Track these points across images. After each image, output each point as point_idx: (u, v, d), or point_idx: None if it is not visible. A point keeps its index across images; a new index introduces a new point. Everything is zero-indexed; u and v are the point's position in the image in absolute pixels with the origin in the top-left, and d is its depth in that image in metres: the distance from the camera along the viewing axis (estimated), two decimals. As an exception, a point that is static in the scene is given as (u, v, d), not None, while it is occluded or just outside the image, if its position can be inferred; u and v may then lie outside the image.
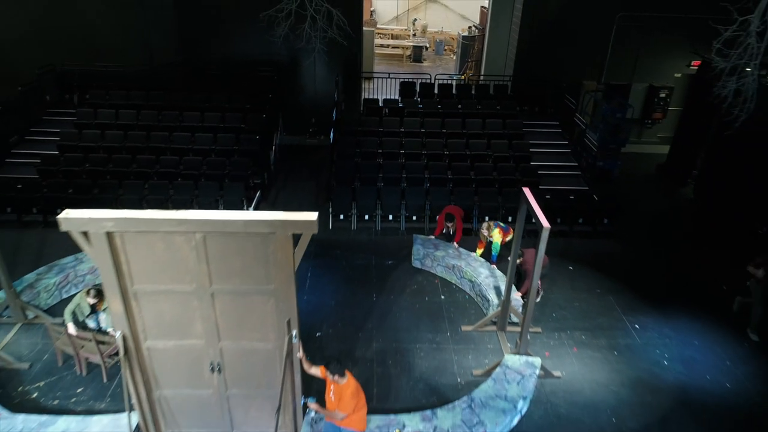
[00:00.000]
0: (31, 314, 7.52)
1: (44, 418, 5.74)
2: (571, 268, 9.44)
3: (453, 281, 8.89)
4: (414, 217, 10.43)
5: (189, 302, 5.10)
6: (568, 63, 14.11)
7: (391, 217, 10.43)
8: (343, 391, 5.27)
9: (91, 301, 6.63)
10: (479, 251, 9.03)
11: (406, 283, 8.87)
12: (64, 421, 5.70)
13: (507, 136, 11.99)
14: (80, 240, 4.67)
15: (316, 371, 5.45)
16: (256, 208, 10.75)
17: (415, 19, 26.54)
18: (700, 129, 12.26)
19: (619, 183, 12.72)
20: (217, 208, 10.14)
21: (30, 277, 7.91)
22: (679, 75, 14.60)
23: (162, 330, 5.23)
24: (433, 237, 9.40)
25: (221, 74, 13.58)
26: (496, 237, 8.57)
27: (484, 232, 8.74)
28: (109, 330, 6.69)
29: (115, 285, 4.85)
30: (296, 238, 4.68)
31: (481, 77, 15.86)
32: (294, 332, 5.16)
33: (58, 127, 12.01)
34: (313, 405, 5.48)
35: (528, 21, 14.15)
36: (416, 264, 9.26)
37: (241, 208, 10.38)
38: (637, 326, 8.04)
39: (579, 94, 14.20)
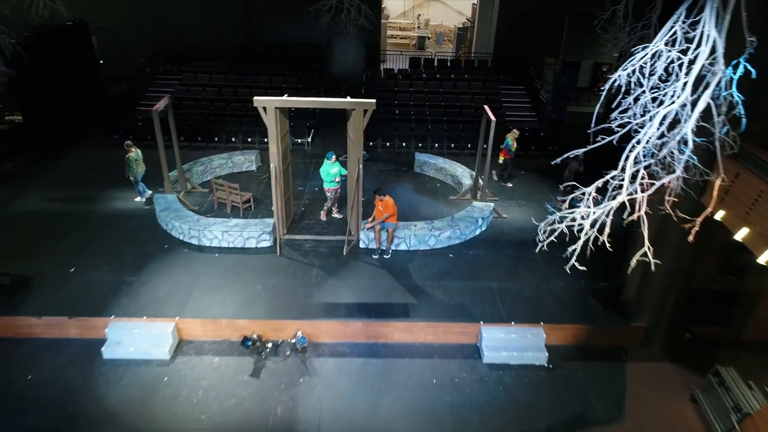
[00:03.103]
0: (189, 186, 12.49)
1: (223, 219, 10.74)
2: (522, 172, 14.38)
3: (441, 178, 13.84)
4: (420, 144, 15.35)
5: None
6: (533, 44, 19.03)
7: (404, 144, 15.38)
8: (387, 203, 10.20)
9: (127, 148, 11.56)
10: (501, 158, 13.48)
11: (415, 179, 13.85)
12: (234, 221, 10.68)
13: (485, 94, 16.91)
14: (261, 112, 9.61)
15: (370, 193, 10.40)
16: (312, 139, 15.71)
17: (419, 15, 31.46)
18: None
19: (568, 130, 17.63)
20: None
21: (185, 167, 12.87)
22: (616, 54, 19.50)
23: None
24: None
25: (278, 51, 18.51)
26: (512, 137, 13.20)
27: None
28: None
29: (274, 136, 9.79)
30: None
31: (472, 54, 20.79)
32: (361, 165, 10.09)
33: (166, 87, 16.97)
34: (369, 224, 10.38)
35: (504, 14, 19.09)
36: (417, 170, 14.20)
37: (305, 138, 15.36)
38: (558, 198, 12.98)
39: (542, 67, 19.15)
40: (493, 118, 10.84)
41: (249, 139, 15.11)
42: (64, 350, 8.50)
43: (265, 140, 14.74)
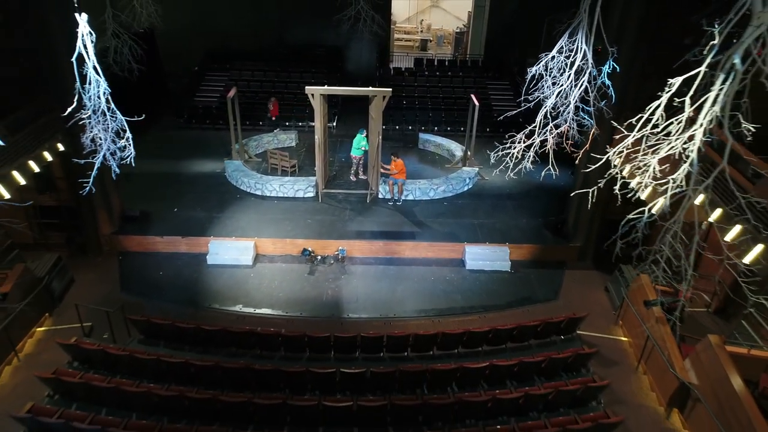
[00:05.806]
0: (247, 156, 16.41)
1: (279, 177, 14.66)
2: (503, 148, 18.22)
3: (439, 152, 17.74)
4: (422, 127, 19.24)
5: (342, 124, 13.99)
6: (517, 47, 22.86)
7: (410, 127, 19.28)
8: (398, 163, 14.09)
9: None
10: None
11: (419, 152, 17.76)
12: (287, 178, 14.60)
13: (476, 87, 20.79)
14: (310, 97, 13.51)
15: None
16: (336, 124, 19.61)
17: (422, 20, 35.31)
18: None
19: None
20: (317, 121, 18.93)
21: (244, 141, 16.78)
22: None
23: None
24: None
25: (302, 52, 22.37)
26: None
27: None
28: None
29: (319, 115, 13.67)
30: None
31: (467, 56, 24.67)
32: (380, 136, 13.96)
33: (216, 82, 20.89)
34: (383, 170, 14.28)
35: (493, 20, 22.94)
36: (420, 147, 18.11)
37: (331, 122, 19.26)
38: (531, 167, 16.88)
39: (524, 65, 22.99)
40: (476, 102, 14.72)
41: (287, 123, 19.01)
42: (179, 259, 12.46)
43: (299, 123, 18.79)
